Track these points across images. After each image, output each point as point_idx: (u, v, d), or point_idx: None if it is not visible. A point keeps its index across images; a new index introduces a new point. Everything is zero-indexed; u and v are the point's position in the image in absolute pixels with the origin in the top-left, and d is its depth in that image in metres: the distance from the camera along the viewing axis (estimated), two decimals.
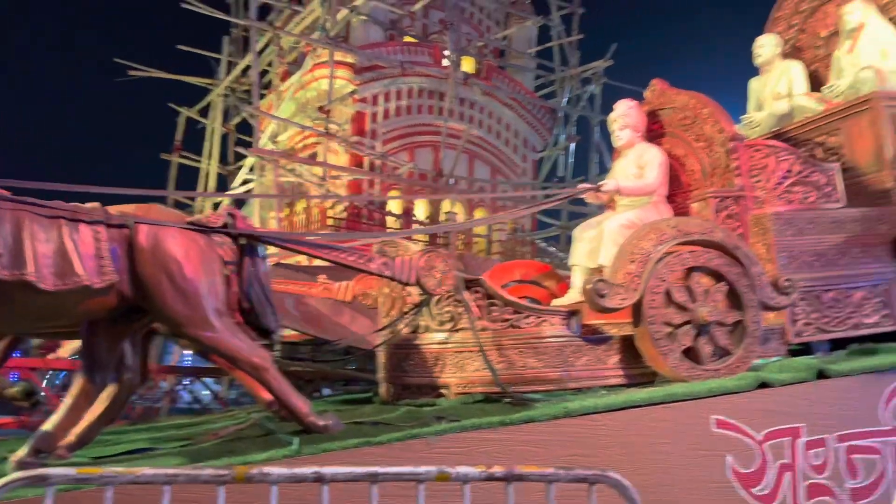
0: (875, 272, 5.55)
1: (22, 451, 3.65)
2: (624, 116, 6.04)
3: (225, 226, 3.92)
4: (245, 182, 15.99)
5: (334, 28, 13.85)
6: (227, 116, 17.80)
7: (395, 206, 14.94)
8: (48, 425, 3.80)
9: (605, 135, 17.54)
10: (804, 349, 5.44)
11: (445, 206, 15.21)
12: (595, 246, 5.73)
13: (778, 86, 7.28)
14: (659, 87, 6.34)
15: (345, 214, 13.70)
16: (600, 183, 5.87)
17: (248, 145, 15.48)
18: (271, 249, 5.45)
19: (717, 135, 5.69)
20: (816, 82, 7.30)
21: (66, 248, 3.42)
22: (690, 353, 4.60)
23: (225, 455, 3.50)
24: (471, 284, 4.82)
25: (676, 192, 6.10)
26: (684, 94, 6.07)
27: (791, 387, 4.31)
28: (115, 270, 3.54)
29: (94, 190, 3.79)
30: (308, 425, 3.81)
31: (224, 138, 17.74)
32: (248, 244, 4.03)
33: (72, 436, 3.86)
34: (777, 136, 6.73)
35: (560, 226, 16.49)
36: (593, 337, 4.81)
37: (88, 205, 3.70)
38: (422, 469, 2.57)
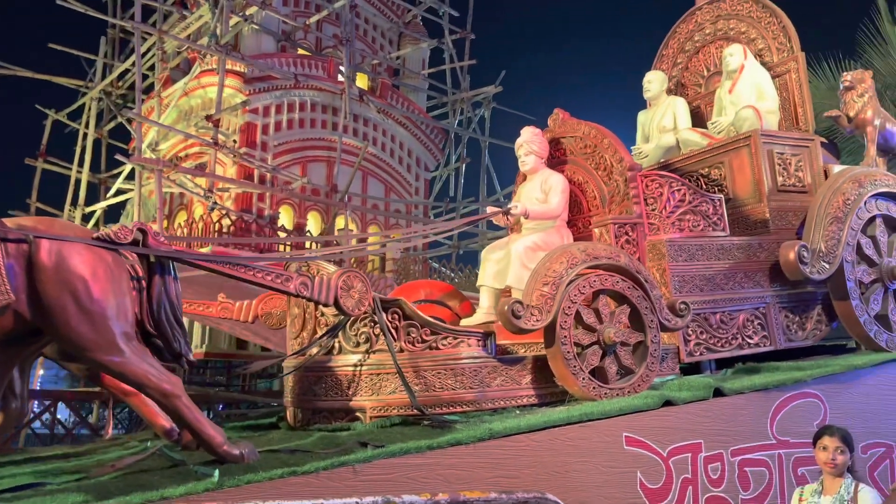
0: (756, 296, 5.99)
1: None
2: (529, 143, 6.21)
3: (136, 242, 3.71)
4: (120, 192, 15.17)
5: (225, 35, 13.41)
6: (99, 121, 16.85)
7: (286, 221, 14.62)
8: None
9: (494, 157, 18.14)
10: (692, 368, 5.79)
11: (339, 223, 15.04)
12: (503, 267, 5.86)
13: (664, 119, 7.71)
14: (561, 117, 6.58)
15: (232, 229, 13.22)
16: (509, 206, 6.00)
17: (122, 153, 14.71)
18: None
19: (616, 164, 5.98)
20: (698, 118, 7.84)
21: None
22: (596, 373, 4.80)
23: (135, 490, 3.28)
24: (388, 305, 4.77)
25: (576, 216, 6.37)
26: (585, 124, 6.34)
27: (691, 404, 4.58)
28: (11, 289, 3.29)
29: None
30: (222, 455, 3.65)
31: (96, 144, 16.76)
32: (159, 262, 3.84)
33: None
34: (664, 167, 7.13)
35: (451, 245, 16.75)
36: (508, 357, 4.91)
37: None
38: (367, 499, 2.54)
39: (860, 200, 6.26)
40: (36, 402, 13.26)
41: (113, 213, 16.52)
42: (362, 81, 16.52)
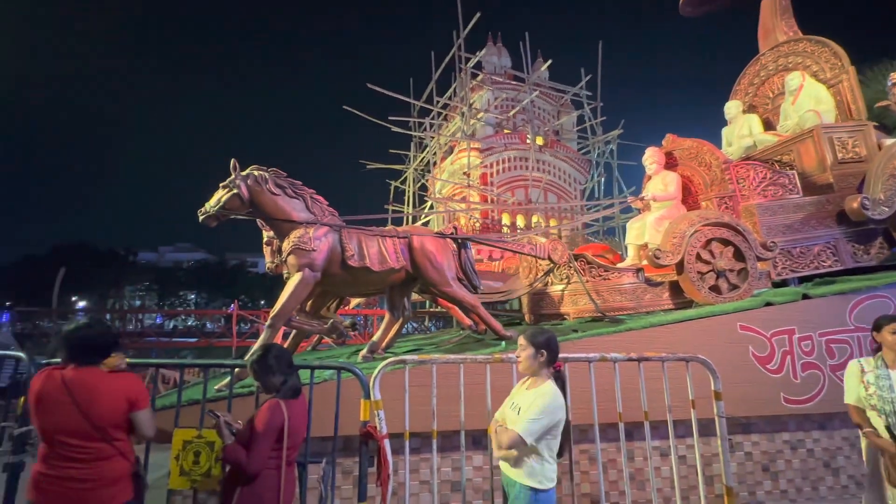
0: (826, 234, 4.81)
1: (363, 351, 3.82)
2: (652, 156, 5.59)
3: (452, 234, 4.02)
4: (427, 215, 16.29)
5: (469, 130, 13.91)
6: (413, 183, 18.21)
7: (506, 221, 14.79)
8: (374, 338, 3.95)
9: (621, 172, 16.42)
10: (781, 284, 4.83)
11: (534, 219, 14.92)
12: (640, 232, 5.35)
13: (742, 130, 6.46)
14: (671, 138, 5.82)
15: (479, 227, 13.72)
16: (642, 195, 5.47)
17: (427, 197, 15.84)
18: None
19: (714, 161, 5.15)
20: (767, 126, 6.45)
21: (382, 249, 3.64)
22: (714, 289, 4.22)
23: (468, 350, 3.55)
24: (578, 257, 4.65)
25: (687, 197, 5.59)
26: (689, 140, 5.54)
27: (785, 304, 3.83)
28: (404, 259, 3.72)
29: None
30: (502, 335, 3.81)
31: (414, 195, 18.16)
32: (463, 242, 4.12)
33: (383, 343, 4.05)
34: (745, 160, 5.98)
35: (598, 225, 15.60)
36: (653, 282, 4.51)
37: (387, 227, 3.91)
38: (592, 354, 2.51)
39: None
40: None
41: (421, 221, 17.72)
42: (540, 141, 16.04)
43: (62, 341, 1.78)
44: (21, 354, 2.36)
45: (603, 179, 16.65)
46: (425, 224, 17.69)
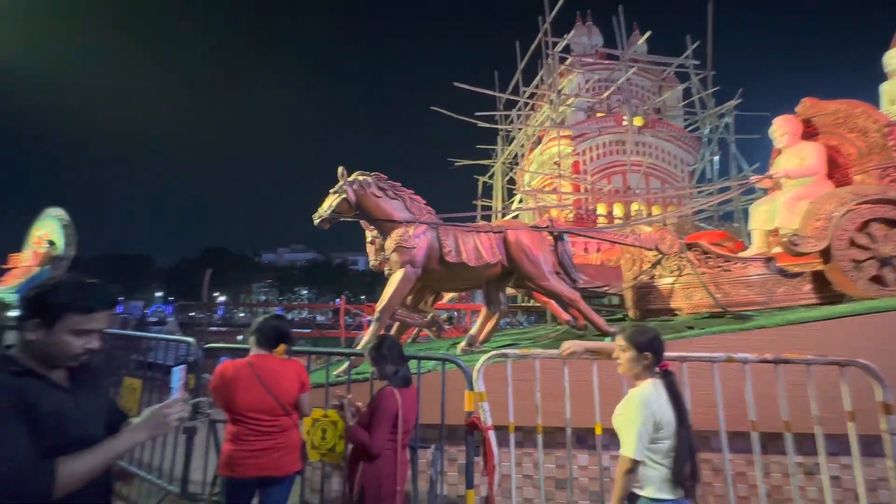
0: None
1: (461, 344, 3.94)
2: (782, 127, 4.77)
3: (548, 226, 3.91)
4: (519, 208, 16.02)
5: (558, 118, 13.32)
6: (502, 178, 18.01)
7: (602, 211, 13.87)
8: (472, 331, 4.03)
9: (740, 148, 14.27)
10: None
11: (633, 207, 13.74)
12: (770, 215, 4.60)
13: None
14: (809, 102, 4.88)
15: (572, 218, 13.09)
16: (770, 173, 4.71)
17: (512, 191, 15.57)
18: None
19: (872, 125, 4.21)
20: None
21: (478, 245, 3.66)
22: (876, 280, 3.47)
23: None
24: (691, 246, 4.18)
25: (833, 171, 4.67)
26: (835, 102, 4.60)
27: None
28: (500, 254, 3.70)
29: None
30: (605, 331, 3.62)
31: (503, 189, 17.97)
32: (559, 235, 3.98)
33: (481, 336, 4.07)
34: None
35: (712, 210, 13.79)
36: (788, 273, 3.88)
37: (481, 223, 3.94)
38: (716, 354, 2.26)
39: None
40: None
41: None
42: (638, 121, 14.69)
43: (257, 330, 2.12)
44: (191, 340, 2.87)
45: (717, 158, 14.69)
46: (514, 218, 17.38)
